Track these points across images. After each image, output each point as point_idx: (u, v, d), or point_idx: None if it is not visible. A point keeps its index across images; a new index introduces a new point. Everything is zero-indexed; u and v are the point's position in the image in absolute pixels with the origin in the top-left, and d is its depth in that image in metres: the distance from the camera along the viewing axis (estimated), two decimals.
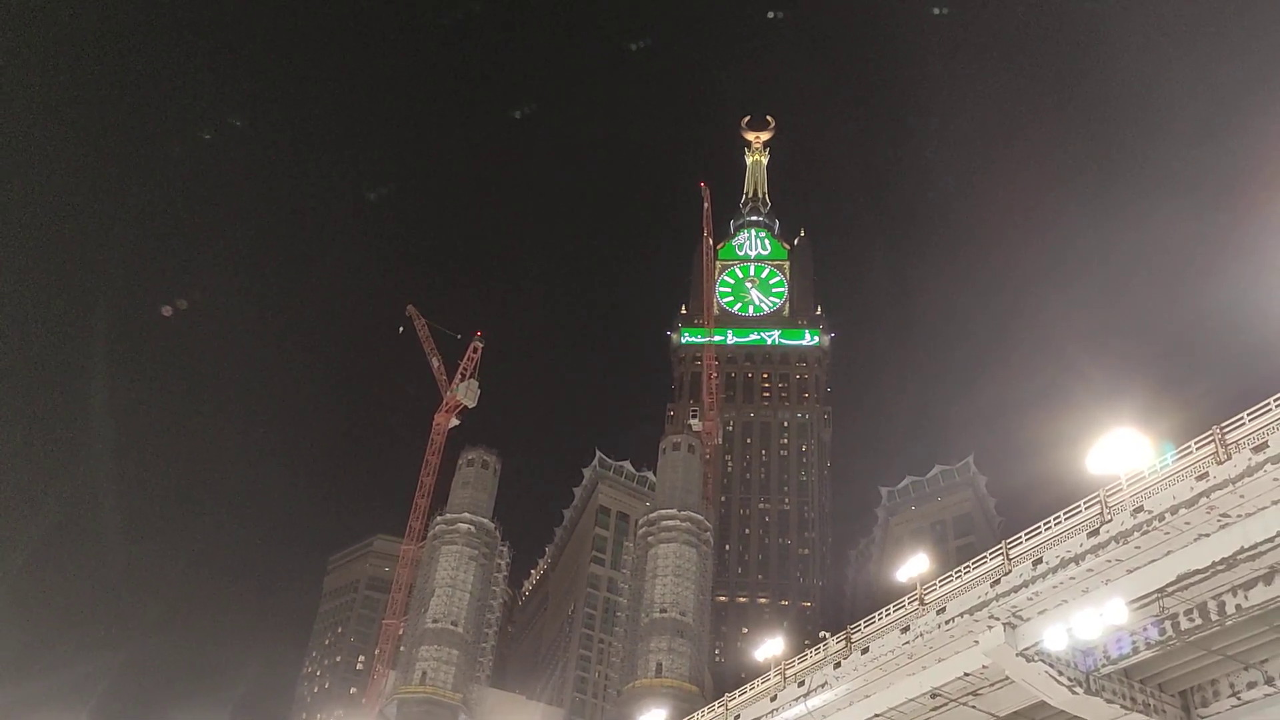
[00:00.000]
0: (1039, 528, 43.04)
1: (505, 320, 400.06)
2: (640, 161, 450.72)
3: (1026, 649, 40.03)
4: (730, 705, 59.59)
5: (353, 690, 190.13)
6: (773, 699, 53.91)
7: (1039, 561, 40.12)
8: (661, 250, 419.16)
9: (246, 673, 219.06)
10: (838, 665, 49.21)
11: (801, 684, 51.82)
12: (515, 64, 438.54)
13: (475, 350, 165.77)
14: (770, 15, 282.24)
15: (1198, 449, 37.10)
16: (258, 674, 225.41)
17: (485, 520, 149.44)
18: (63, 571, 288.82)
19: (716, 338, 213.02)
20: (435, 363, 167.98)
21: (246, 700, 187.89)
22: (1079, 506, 41.15)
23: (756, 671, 61.66)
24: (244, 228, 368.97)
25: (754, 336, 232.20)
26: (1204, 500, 34.70)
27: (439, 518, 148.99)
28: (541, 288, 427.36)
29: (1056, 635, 39.03)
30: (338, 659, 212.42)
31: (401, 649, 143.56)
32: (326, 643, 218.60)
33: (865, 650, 47.62)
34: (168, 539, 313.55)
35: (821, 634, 57.76)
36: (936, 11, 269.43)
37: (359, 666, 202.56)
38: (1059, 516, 42.17)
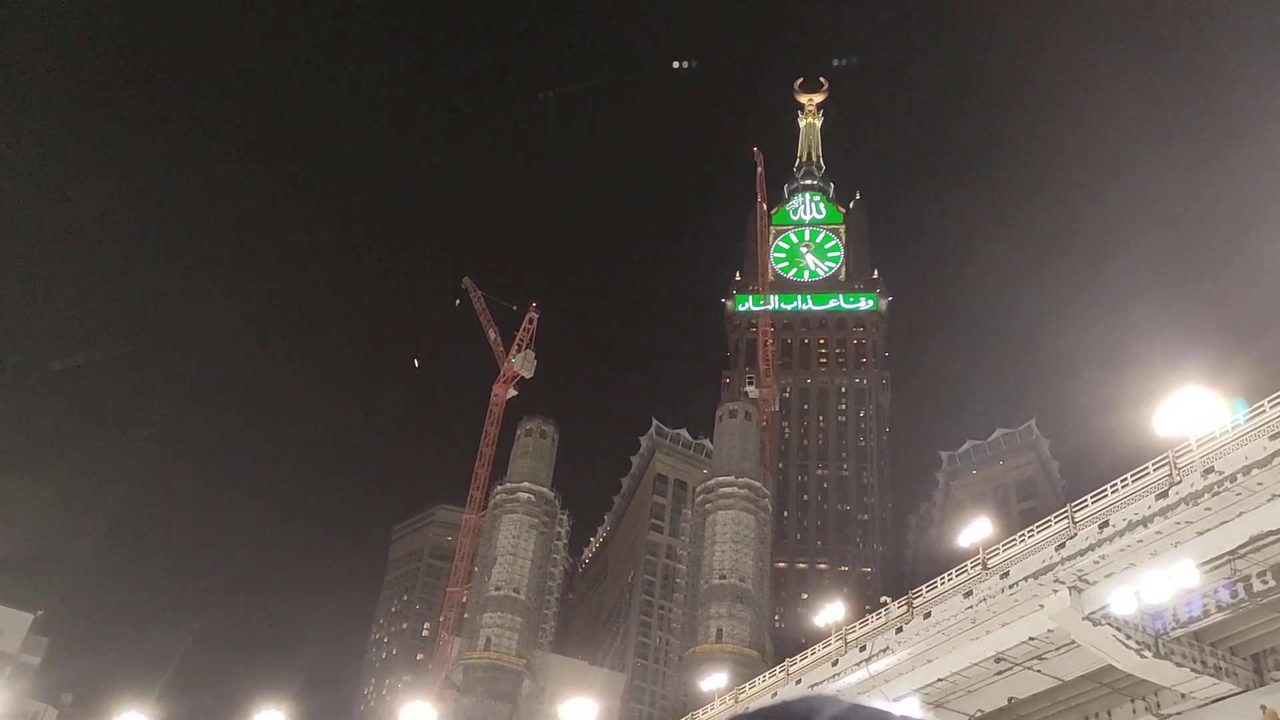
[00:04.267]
0: (1105, 490, 42.31)
1: (560, 290, 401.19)
2: (693, 129, 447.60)
3: (1093, 613, 39.49)
4: (791, 670, 59.73)
5: (419, 656, 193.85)
6: (834, 664, 53.92)
7: (1105, 525, 39.47)
8: (715, 217, 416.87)
9: (316, 642, 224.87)
10: (899, 630, 49.04)
11: (863, 649, 51.74)
12: (566, 33, 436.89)
13: (531, 321, 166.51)
14: None
15: (1270, 407, 36.13)
16: (327, 643, 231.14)
17: (544, 489, 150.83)
18: (137, 550, 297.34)
19: (772, 304, 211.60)
20: (492, 334, 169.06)
21: (317, 668, 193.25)
22: (1146, 469, 40.35)
23: (817, 637, 61.66)
24: (304, 205, 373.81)
25: (810, 302, 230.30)
26: (1278, 460, 33.83)
27: (499, 487, 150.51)
28: (596, 257, 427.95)
29: (1124, 599, 38.43)
30: (404, 626, 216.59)
31: (465, 616, 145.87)
32: (393, 610, 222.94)
33: (927, 615, 47.37)
34: (237, 516, 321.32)
35: (882, 599, 57.54)
36: None
37: (425, 633, 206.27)
38: (1126, 479, 41.41)
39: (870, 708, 2.65)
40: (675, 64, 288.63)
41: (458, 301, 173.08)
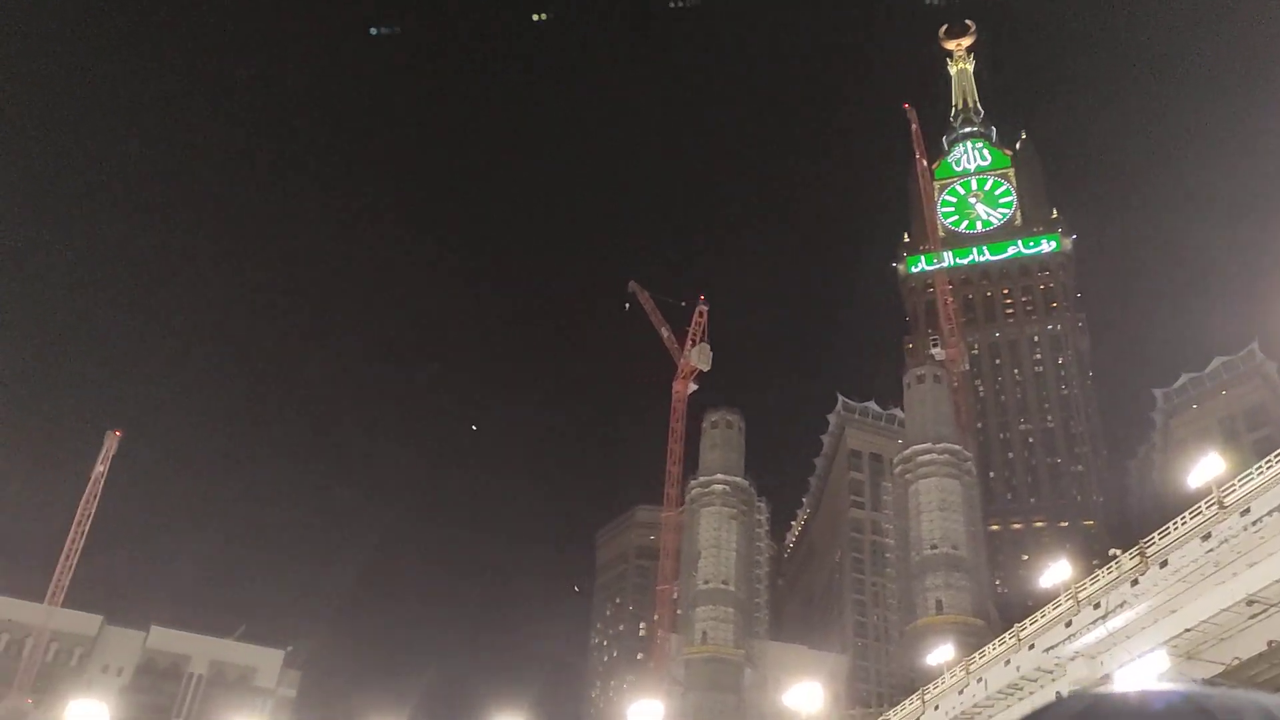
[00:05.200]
0: None
1: (725, 280, 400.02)
2: (838, 96, 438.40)
3: None
4: (1022, 635, 57.29)
5: (639, 656, 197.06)
6: (1067, 625, 51.35)
7: None
8: (874, 182, 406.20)
9: (543, 653, 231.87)
10: (1134, 583, 46.23)
11: (1097, 606, 49.04)
12: (707, 12, 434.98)
13: (701, 314, 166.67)
14: None
15: None
16: (552, 653, 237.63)
17: (738, 479, 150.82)
18: (382, 586, 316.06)
19: (946, 261, 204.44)
20: (664, 332, 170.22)
21: (547, 677, 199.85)
22: None
23: (1045, 599, 58.94)
24: (475, 229, 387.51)
25: (986, 253, 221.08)
26: None
27: (693, 482, 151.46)
28: (756, 242, 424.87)
29: None
30: (620, 628, 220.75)
31: (679, 612, 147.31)
32: (608, 614, 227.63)
33: (1164, 564, 44.47)
34: (461, 546, 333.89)
35: (1111, 552, 54.41)
36: None
37: (641, 633, 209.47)
38: None
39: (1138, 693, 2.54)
40: (816, 32, 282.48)
41: (627, 306, 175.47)
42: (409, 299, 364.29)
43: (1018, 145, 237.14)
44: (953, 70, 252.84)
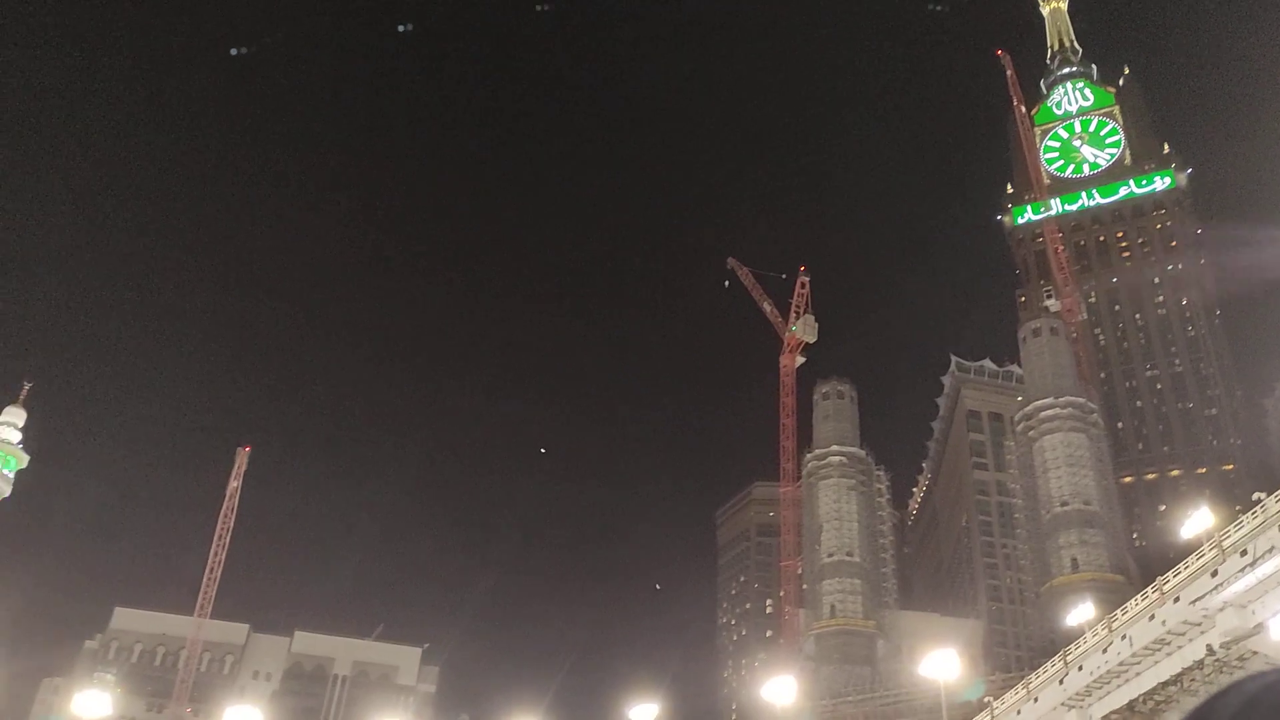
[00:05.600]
0: None
1: (826, 248, 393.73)
2: (928, 51, 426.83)
3: None
4: (1166, 589, 55.00)
5: (768, 633, 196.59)
6: (1213, 574, 49.09)
7: None
8: (972, 135, 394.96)
9: (672, 638, 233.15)
10: None
11: (1244, 553, 46.74)
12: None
13: (803, 285, 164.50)
14: None
15: None
16: (682, 639, 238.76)
17: (854, 449, 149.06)
18: (514, 592, 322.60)
19: (1054, 208, 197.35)
20: (767, 307, 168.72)
21: (679, 662, 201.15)
22: None
23: (1187, 549, 56.51)
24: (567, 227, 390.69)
25: (1096, 196, 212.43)
26: None
27: (809, 455, 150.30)
28: (855, 207, 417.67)
29: None
30: (746, 606, 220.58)
31: (804, 587, 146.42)
32: (733, 593, 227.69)
33: None
34: (586, 543, 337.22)
35: (1255, 496, 51.83)
36: None
37: (768, 610, 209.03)
38: None
39: None
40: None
41: (727, 283, 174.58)
42: (526, 311, 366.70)
43: (1120, 82, 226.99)
44: (1045, 10, 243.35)
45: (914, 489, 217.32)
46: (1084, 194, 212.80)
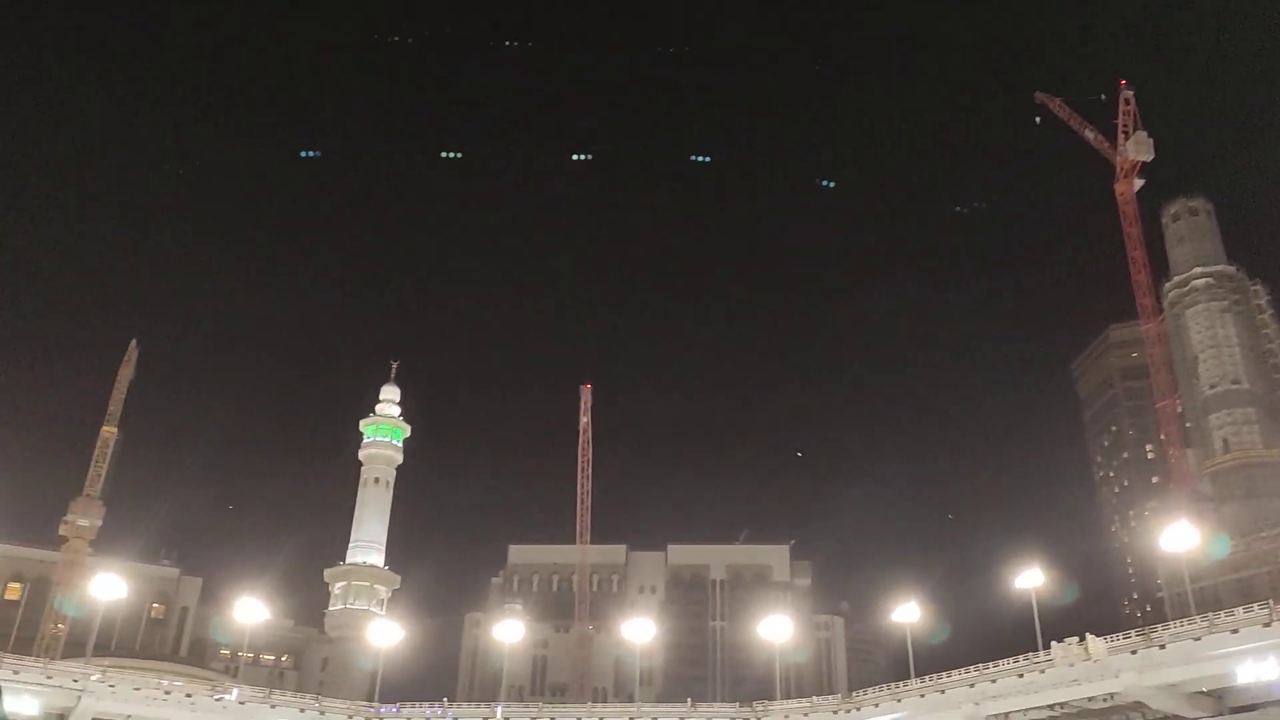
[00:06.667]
0: None
1: (1143, 56, 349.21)
2: None
3: None
4: None
5: (1154, 480, 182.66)
6: None
7: None
8: None
9: (1048, 505, 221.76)
10: None
11: None
12: None
13: (1127, 101, 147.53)
14: None
15: None
16: (1058, 504, 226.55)
17: (1222, 267, 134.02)
18: (883, 478, 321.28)
19: None
20: (1090, 135, 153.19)
21: (1061, 529, 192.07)
22: None
23: None
24: None
25: None
26: None
27: (1167, 284, 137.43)
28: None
29: None
30: (1124, 456, 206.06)
31: (1187, 425, 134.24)
32: (1106, 445, 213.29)
33: None
34: (946, 433, 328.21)
35: None
36: None
37: (1149, 456, 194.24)
38: None
39: None
40: None
41: (1038, 120, 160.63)
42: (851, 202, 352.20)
43: None
44: None
45: None
46: None
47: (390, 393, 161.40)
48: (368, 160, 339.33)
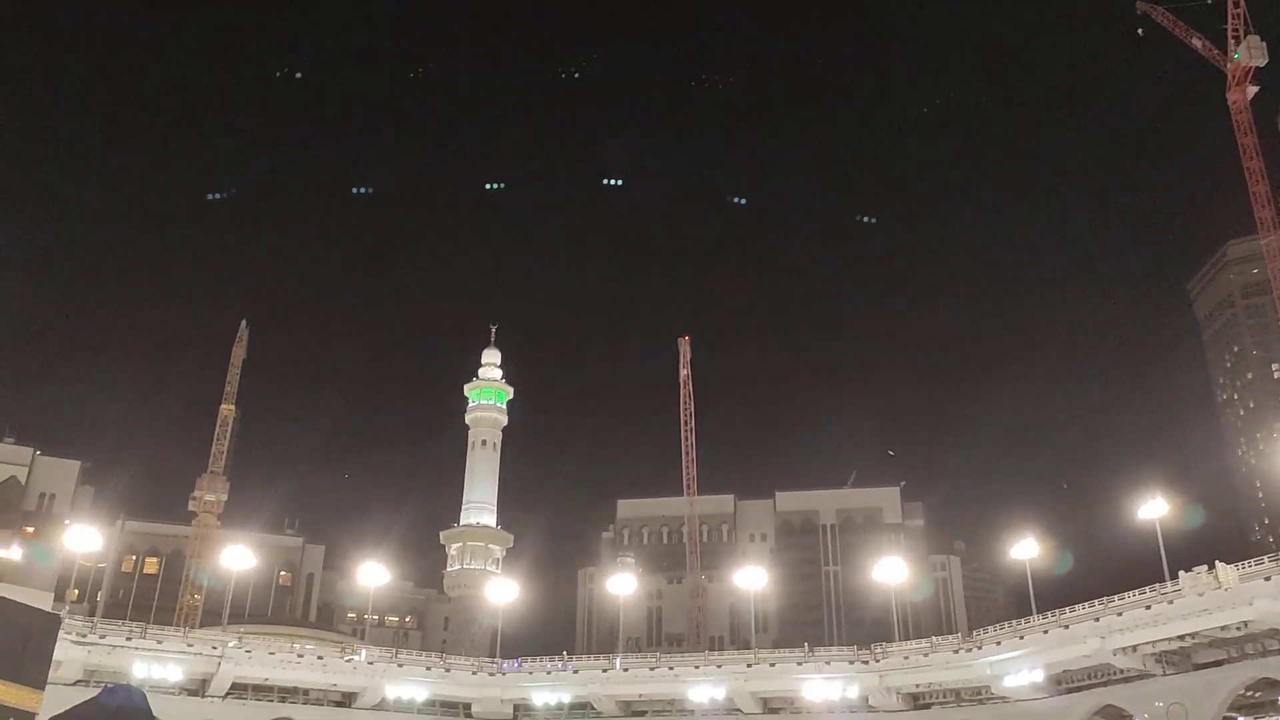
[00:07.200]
0: None
1: None
2: None
3: None
4: None
5: None
6: None
7: None
8: None
9: (1168, 432, 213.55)
10: None
11: None
12: None
13: (1237, 4, 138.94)
14: None
15: None
16: (1177, 431, 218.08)
17: None
18: (977, 413, 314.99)
19: None
20: (1198, 43, 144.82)
21: (1183, 456, 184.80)
22: None
23: None
24: None
25: None
26: None
27: None
28: None
29: None
30: (1248, 376, 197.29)
31: None
32: (1228, 366, 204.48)
33: None
34: (1055, 366, 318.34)
35: None
36: None
37: (1276, 375, 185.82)
38: None
39: None
40: None
41: (1140, 31, 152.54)
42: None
43: None
44: None
45: None
46: None
47: (492, 356, 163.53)
48: (462, 130, 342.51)
